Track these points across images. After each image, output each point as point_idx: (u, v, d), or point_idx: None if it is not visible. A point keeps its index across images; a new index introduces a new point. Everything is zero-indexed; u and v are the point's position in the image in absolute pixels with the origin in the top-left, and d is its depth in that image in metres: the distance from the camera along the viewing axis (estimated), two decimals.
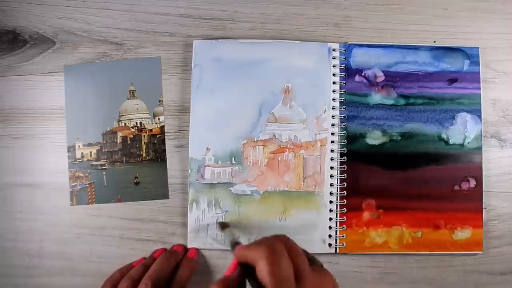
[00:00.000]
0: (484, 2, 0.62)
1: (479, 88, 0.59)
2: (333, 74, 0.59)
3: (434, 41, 0.61)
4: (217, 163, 0.58)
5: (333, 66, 0.60)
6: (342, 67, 0.60)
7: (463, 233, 0.58)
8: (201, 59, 0.59)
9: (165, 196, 0.59)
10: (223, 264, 0.58)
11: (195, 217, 0.58)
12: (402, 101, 0.59)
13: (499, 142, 0.60)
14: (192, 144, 0.59)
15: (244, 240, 0.57)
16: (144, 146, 0.61)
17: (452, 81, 0.60)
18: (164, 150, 0.60)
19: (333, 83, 0.59)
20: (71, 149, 0.60)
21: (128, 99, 0.61)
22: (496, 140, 0.60)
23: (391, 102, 0.59)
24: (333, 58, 0.60)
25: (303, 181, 0.58)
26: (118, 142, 0.61)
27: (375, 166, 0.59)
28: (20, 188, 0.59)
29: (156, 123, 0.61)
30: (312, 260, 0.41)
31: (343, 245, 0.58)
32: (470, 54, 0.60)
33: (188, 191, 0.58)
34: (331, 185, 0.58)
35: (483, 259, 0.59)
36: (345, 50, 0.60)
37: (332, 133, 0.59)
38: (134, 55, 0.60)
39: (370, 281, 0.59)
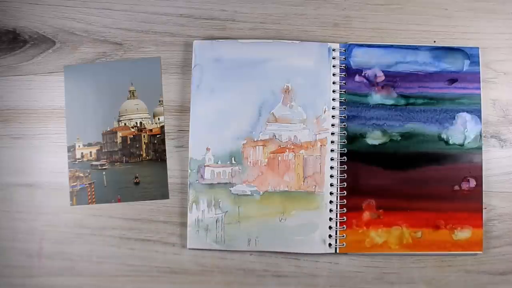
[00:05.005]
0: (484, 2, 0.62)
1: (479, 88, 0.59)
2: (333, 74, 0.59)
3: (434, 41, 0.61)
4: (217, 163, 0.58)
5: (333, 66, 0.60)
6: (342, 67, 0.60)
7: (463, 233, 0.58)
8: (201, 59, 0.59)
9: (165, 196, 0.59)
10: (223, 264, 0.58)
11: (195, 217, 0.58)
12: (402, 101, 0.59)
13: (499, 142, 0.60)
14: (192, 144, 0.59)
15: (244, 241, 0.57)
16: (144, 146, 0.61)
17: (452, 81, 0.60)
18: (164, 150, 0.60)
19: (333, 83, 0.59)
20: (71, 149, 0.60)
21: (128, 99, 0.61)
22: (496, 140, 0.60)
23: (391, 102, 0.59)
24: (333, 58, 0.60)
25: (303, 181, 0.58)
26: (118, 142, 0.61)
27: (375, 166, 0.59)
28: (20, 188, 0.59)
29: (156, 123, 0.61)
30: None
31: (343, 245, 0.58)
32: (470, 54, 0.60)
33: (188, 191, 0.58)
34: (331, 185, 0.58)
35: (483, 259, 0.59)
36: (345, 50, 0.60)
37: (332, 133, 0.59)
38: (134, 55, 0.60)
39: (370, 281, 0.59)
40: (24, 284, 0.58)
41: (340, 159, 0.59)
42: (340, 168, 0.58)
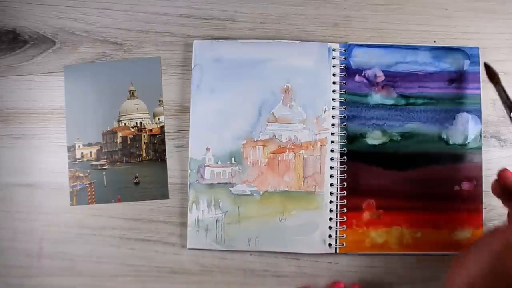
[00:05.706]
0: (484, 2, 0.62)
1: (479, 88, 0.59)
2: (333, 74, 0.59)
3: (434, 41, 0.61)
4: (217, 163, 0.58)
5: (333, 66, 0.60)
6: (342, 67, 0.60)
7: (463, 233, 0.58)
8: (201, 59, 0.59)
9: (165, 196, 0.59)
10: (223, 264, 0.58)
11: (195, 217, 0.58)
12: (402, 101, 0.59)
13: (499, 142, 0.60)
14: (192, 144, 0.59)
15: (244, 241, 0.57)
16: (144, 146, 0.61)
17: (452, 81, 0.60)
18: (164, 150, 0.60)
19: (333, 83, 0.59)
20: (71, 149, 0.60)
21: (128, 99, 0.61)
22: (496, 140, 0.60)
23: (391, 102, 0.59)
24: (333, 58, 0.60)
25: (303, 181, 0.58)
26: (118, 142, 0.61)
27: (375, 166, 0.59)
28: (20, 188, 0.59)
29: (156, 123, 0.61)
30: None
31: (343, 245, 0.58)
32: (470, 54, 0.60)
33: (188, 191, 0.58)
34: (331, 185, 0.58)
35: None
36: (345, 50, 0.60)
37: (332, 133, 0.59)
38: (134, 55, 0.60)
39: (370, 281, 0.58)
40: (24, 284, 0.58)
41: (340, 159, 0.59)
42: (340, 168, 0.58)
